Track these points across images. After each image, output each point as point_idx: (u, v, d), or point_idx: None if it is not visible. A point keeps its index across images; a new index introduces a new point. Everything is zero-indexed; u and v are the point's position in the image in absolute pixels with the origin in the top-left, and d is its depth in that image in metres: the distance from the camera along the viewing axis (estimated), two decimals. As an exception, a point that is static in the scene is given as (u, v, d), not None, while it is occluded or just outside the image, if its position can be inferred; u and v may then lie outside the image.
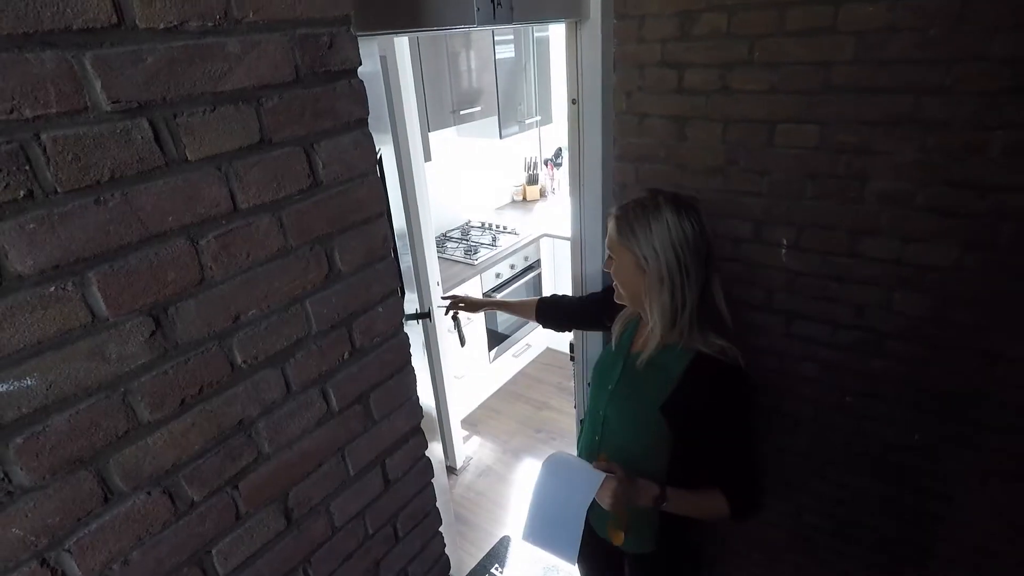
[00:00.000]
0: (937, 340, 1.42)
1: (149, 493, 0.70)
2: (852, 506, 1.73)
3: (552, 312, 1.69)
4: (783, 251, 1.54)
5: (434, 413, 2.15)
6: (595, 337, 2.02)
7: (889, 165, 1.33)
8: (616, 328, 1.36)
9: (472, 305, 1.84)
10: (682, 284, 1.12)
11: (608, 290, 1.56)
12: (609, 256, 1.21)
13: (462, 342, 2.05)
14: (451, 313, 1.87)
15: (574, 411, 2.33)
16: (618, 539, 1.28)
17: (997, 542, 1.53)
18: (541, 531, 1.18)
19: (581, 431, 1.46)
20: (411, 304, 1.68)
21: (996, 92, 1.18)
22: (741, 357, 1.16)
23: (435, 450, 2.08)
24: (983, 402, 1.42)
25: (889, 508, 1.67)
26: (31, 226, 0.56)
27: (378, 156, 1.40)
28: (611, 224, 1.19)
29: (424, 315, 1.78)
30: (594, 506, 1.11)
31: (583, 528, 1.10)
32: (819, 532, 1.83)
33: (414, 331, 1.76)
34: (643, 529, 1.29)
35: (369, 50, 1.24)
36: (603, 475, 1.11)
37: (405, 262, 1.63)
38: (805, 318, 1.59)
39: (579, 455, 1.39)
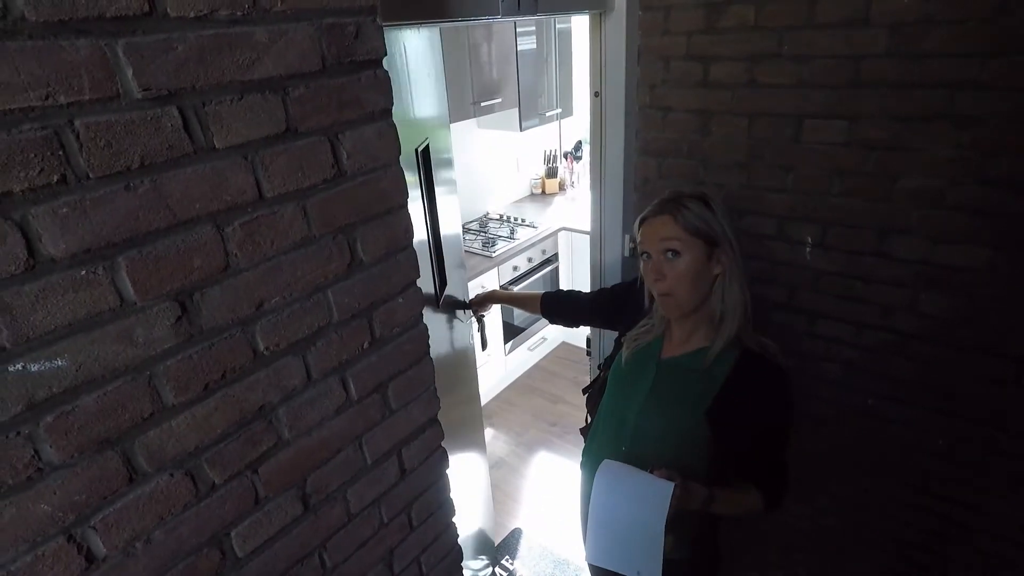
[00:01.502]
0: (965, 343, 1.39)
1: (172, 475, 0.71)
2: (872, 510, 1.71)
3: (558, 308, 1.63)
4: (808, 249, 1.52)
5: (482, 400, 2.16)
6: (611, 333, 2.01)
7: (920, 162, 1.30)
8: (628, 345, 1.29)
9: (480, 302, 1.79)
10: (742, 275, 1.12)
11: (618, 288, 1.53)
12: (669, 252, 1.11)
13: (484, 345, 2.01)
14: (477, 315, 1.85)
15: (590, 406, 2.32)
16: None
17: (1022, 552, 1.50)
18: (614, 551, 1.12)
19: (590, 439, 1.41)
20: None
21: (1035, 88, 1.14)
22: (781, 353, 1.14)
23: (482, 437, 2.09)
24: (1012, 407, 1.39)
25: (910, 514, 1.64)
26: (64, 210, 0.57)
27: (425, 144, 1.39)
28: (663, 220, 1.11)
29: (468, 304, 1.81)
30: None
31: (662, 545, 1.05)
32: (837, 535, 1.81)
33: (463, 321, 1.83)
34: (683, 534, 1.23)
35: (420, 34, 1.22)
36: (672, 485, 1.05)
37: (454, 256, 1.64)
38: (828, 318, 1.56)
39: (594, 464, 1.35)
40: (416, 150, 1.30)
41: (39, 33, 0.53)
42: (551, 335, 3.87)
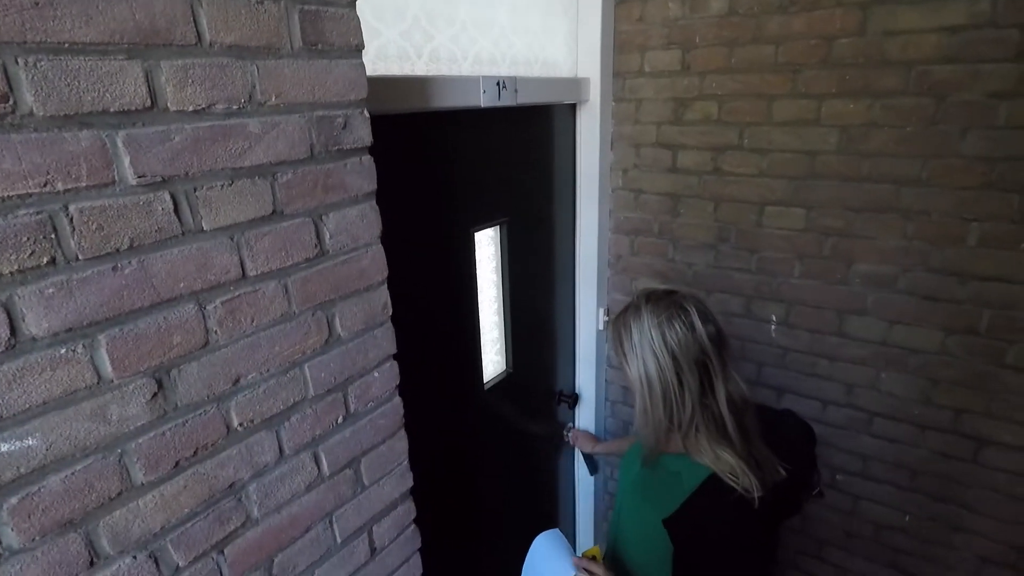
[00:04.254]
0: (925, 422, 1.44)
1: (135, 557, 0.69)
2: (846, 590, 1.69)
3: None
4: (772, 327, 1.58)
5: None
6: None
7: (872, 249, 1.39)
8: None
9: (583, 437, 1.87)
10: (665, 391, 1.02)
11: None
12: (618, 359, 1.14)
13: (592, 469, 1.99)
14: (573, 439, 1.94)
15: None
16: None
17: (994, 634, 1.49)
18: None
19: None
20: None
21: (970, 187, 1.25)
22: (759, 484, 0.99)
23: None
24: (972, 486, 1.42)
25: (883, 593, 1.63)
26: (50, 291, 0.58)
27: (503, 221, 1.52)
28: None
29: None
30: None
31: None
32: (812, 616, 1.78)
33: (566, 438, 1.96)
34: None
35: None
36: (572, 572, 1.13)
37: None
38: (795, 394, 1.61)
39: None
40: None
41: (44, 126, 0.56)
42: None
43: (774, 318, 1.57)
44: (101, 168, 0.60)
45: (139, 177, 0.63)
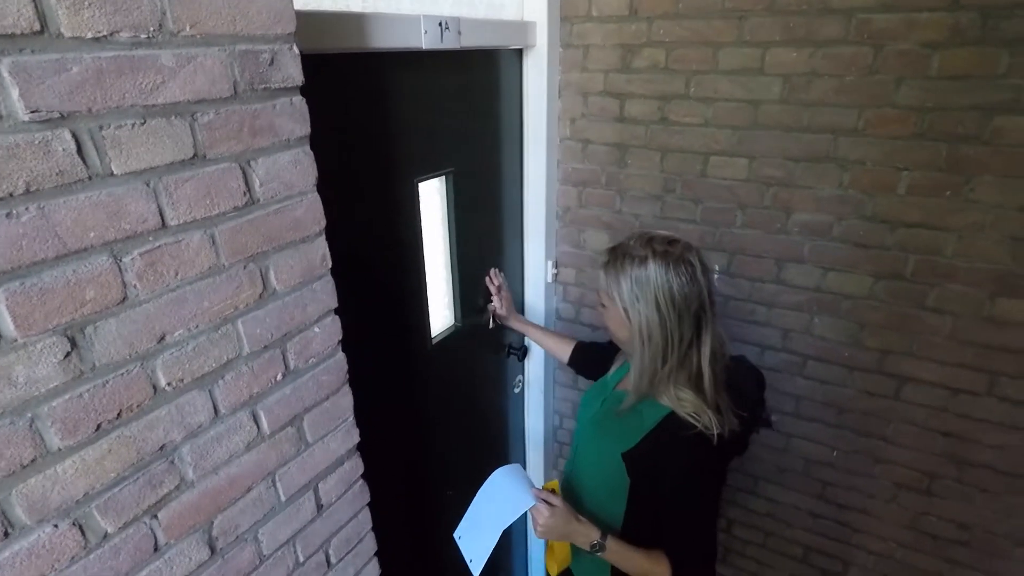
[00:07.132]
0: (853, 363, 1.52)
1: (56, 526, 0.65)
2: (780, 519, 1.81)
3: (586, 359, 1.55)
4: (715, 276, 1.62)
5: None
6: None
7: (811, 199, 1.43)
8: (617, 362, 1.31)
9: (510, 313, 1.73)
10: (665, 342, 1.04)
11: None
12: (600, 302, 1.14)
13: (488, 323, 1.87)
14: (492, 308, 1.78)
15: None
16: (552, 570, 1.29)
17: (909, 552, 1.64)
18: (468, 532, 1.21)
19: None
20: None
21: (902, 136, 1.29)
22: (718, 423, 1.04)
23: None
24: (893, 420, 1.52)
25: (811, 521, 1.76)
26: (-68, 240, 0.52)
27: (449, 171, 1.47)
28: (601, 271, 1.11)
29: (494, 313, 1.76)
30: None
31: (494, 545, 1.12)
32: (748, 545, 1.91)
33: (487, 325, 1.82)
34: (593, 572, 1.24)
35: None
36: (531, 503, 1.12)
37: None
38: (736, 340, 1.66)
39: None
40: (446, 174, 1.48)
41: (-92, 49, 0.49)
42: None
43: (717, 268, 1.61)
44: (-17, 100, 0.53)
45: (32, 112, 0.56)
